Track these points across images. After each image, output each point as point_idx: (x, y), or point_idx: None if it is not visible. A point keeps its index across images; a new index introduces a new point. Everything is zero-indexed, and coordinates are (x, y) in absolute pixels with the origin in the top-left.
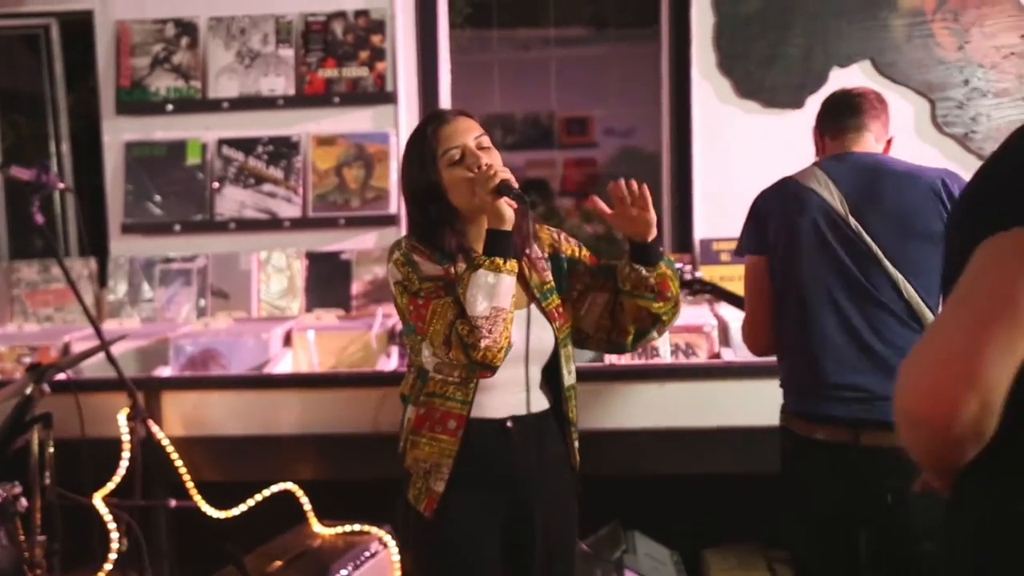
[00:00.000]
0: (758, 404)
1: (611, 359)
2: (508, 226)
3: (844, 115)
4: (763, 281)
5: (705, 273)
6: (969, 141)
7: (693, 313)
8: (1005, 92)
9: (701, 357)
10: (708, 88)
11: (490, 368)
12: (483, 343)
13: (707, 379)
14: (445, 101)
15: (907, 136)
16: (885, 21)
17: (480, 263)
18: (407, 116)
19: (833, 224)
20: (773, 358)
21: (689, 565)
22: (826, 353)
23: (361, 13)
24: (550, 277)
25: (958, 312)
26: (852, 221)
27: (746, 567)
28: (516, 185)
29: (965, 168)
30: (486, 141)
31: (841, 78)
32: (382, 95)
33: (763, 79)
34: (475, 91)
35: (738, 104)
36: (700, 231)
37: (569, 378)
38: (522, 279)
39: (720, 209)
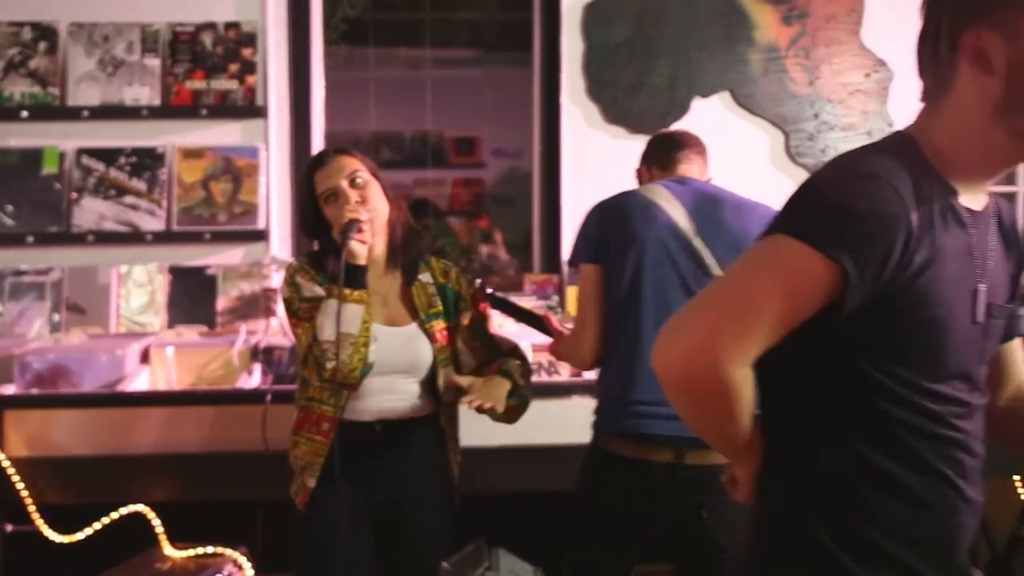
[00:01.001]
0: None
1: None
2: (359, 261)
3: (672, 148)
4: (597, 291)
5: (573, 294)
6: None
7: None
8: (851, 126)
9: (564, 375)
10: (577, 113)
11: (345, 385)
12: (328, 364)
13: (570, 396)
14: (318, 117)
15: (763, 165)
16: (743, 55)
17: (330, 293)
18: (278, 131)
19: (678, 241)
20: None
21: None
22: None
23: (232, 25)
24: (439, 303)
25: (711, 293)
26: (696, 241)
27: None
28: (365, 236)
29: None
30: (362, 177)
31: (703, 108)
32: (252, 109)
33: (629, 106)
34: (350, 108)
35: (605, 129)
36: (568, 252)
37: (447, 395)
38: (409, 300)
39: None
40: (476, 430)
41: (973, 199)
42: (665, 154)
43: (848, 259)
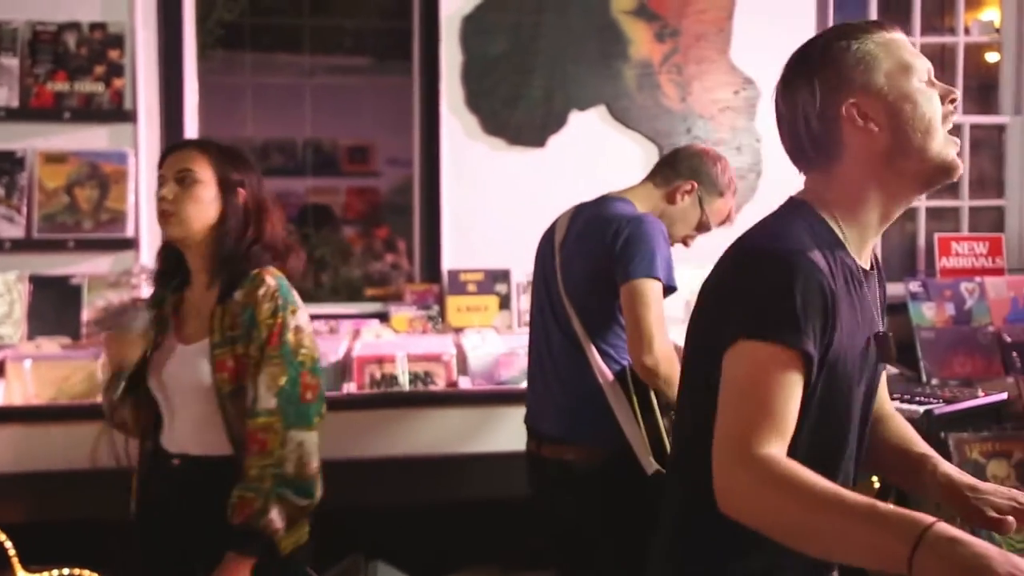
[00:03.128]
0: (495, 431)
1: (348, 388)
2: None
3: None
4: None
5: (453, 304)
6: None
7: (432, 342)
8: (721, 141)
9: (440, 385)
10: (456, 124)
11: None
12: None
13: (445, 407)
14: (191, 122)
15: (638, 177)
16: (619, 70)
17: None
18: (147, 136)
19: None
20: (508, 386)
21: None
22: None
23: (97, 26)
24: (239, 325)
25: (725, 413)
26: (558, 257)
27: None
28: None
29: None
30: (191, 176)
31: (580, 120)
32: (119, 113)
33: (508, 118)
34: (228, 114)
35: (485, 140)
36: (448, 262)
37: (253, 418)
38: (210, 319)
39: (467, 241)
40: (357, 441)
41: (863, 259)
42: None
43: (806, 342)
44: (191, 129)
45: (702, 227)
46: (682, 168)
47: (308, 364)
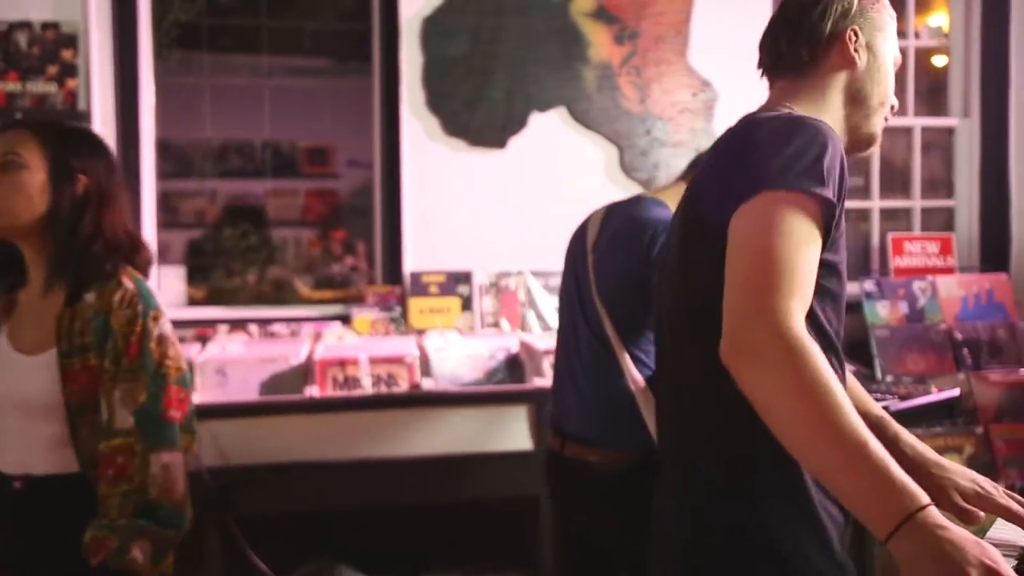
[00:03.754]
0: (459, 433)
1: (311, 391)
2: None
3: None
4: None
5: (415, 306)
6: (651, 186)
7: (395, 344)
8: (680, 143)
9: (403, 387)
10: (417, 125)
11: None
12: None
13: (409, 409)
14: (147, 123)
15: (598, 178)
16: (579, 72)
17: None
18: (104, 136)
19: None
20: (472, 388)
21: None
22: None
23: (50, 25)
24: (91, 334)
25: (743, 271)
26: (590, 257)
27: None
28: None
29: None
30: (16, 160)
31: (540, 122)
32: (73, 114)
33: (469, 119)
34: (185, 115)
35: (445, 142)
36: (410, 264)
37: (108, 439)
38: (56, 325)
39: (429, 243)
40: (321, 444)
41: None
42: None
43: (828, 192)
44: (147, 130)
45: None
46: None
47: (174, 377)
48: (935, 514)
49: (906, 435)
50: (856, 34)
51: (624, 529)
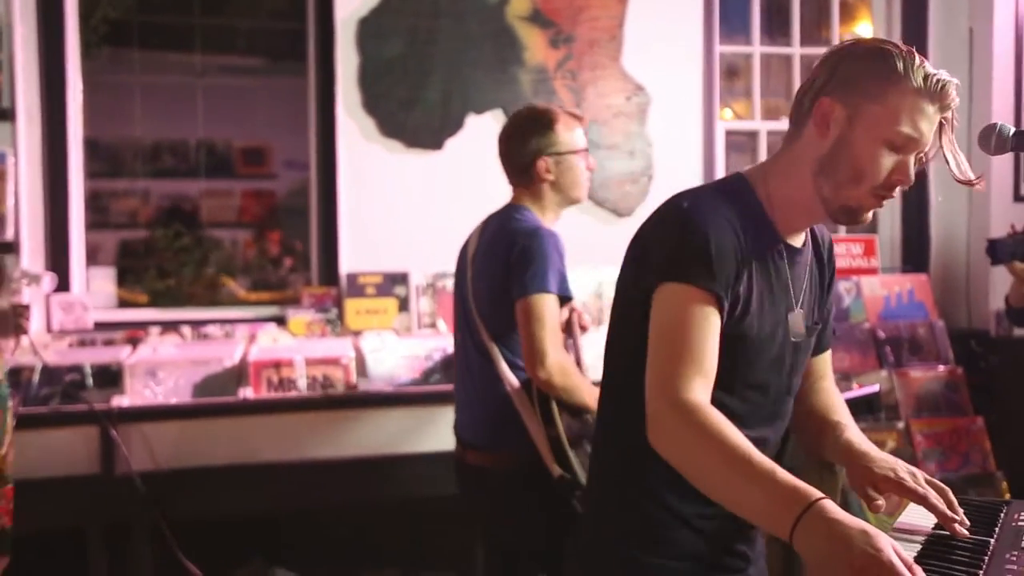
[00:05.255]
0: (394, 434)
1: (245, 392)
2: None
3: None
4: None
5: (351, 307)
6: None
7: (331, 345)
8: (615, 146)
9: (338, 389)
10: (353, 126)
11: None
12: None
13: (344, 410)
14: (75, 120)
15: None
16: (515, 75)
17: None
18: (27, 135)
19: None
20: (406, 388)
21: None
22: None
23: None
24: None
25: (654, 354)
26: (470, 270)
27: None
28: None
29: (582, 210)
30: None
31: (477, 124)
32: None
33: (405, 120)
34: (115, 114)
35: (382, 143)
36: (346, 265)
37: None
38: None
39: (366, 243)
40: (255, 446)
41: (794, 239)
42: None
43: (718, 286)
44: (75, 128)
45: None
46: (527, 152)
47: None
48: (827, 507)
49: (849, 432)
50: (830, 106)
51: (527, 527)
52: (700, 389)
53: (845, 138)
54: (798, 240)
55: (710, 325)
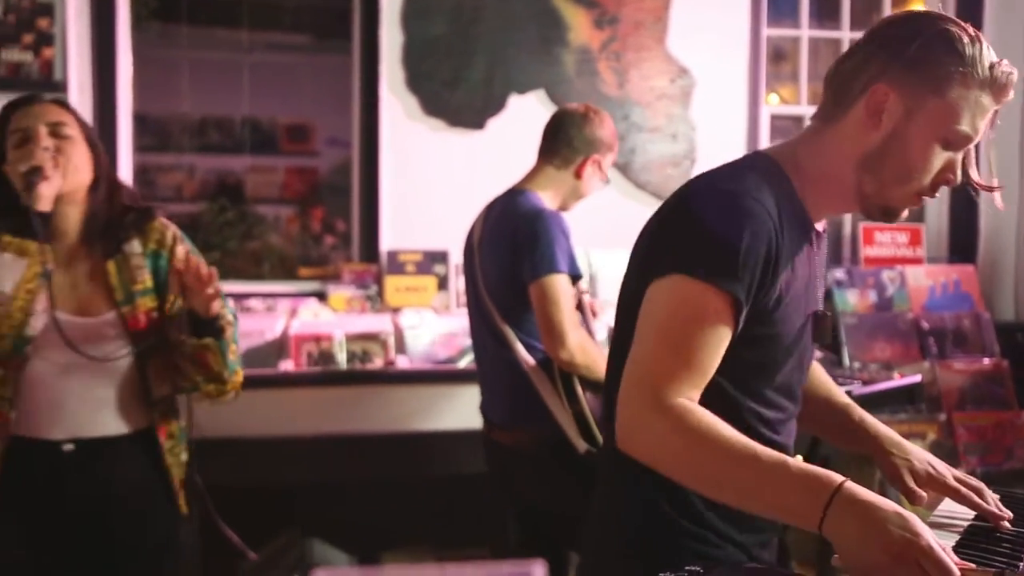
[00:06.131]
0: (432, 410)
1: (285, 366)
2: (41, 207)
3: None
4: None
5: (391, 284)
6: (628, 171)
7: (371, 321)
8: (657, 129)
9: (377, 364)
10: (397, 104)
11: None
12: None
13: (383, 385)
14: (124, 94)
15: None
16: (558, 56)
17: None
18: (79, 107)
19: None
20: (445, 366)
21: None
22: None
23: None
24: (146, 277)
25: (642, 347)
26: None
27: (418, 567)
28: (48, 189)
29: (623, 193)
30: (67, 131)
31: (519, 104)
32: (49, 84)
33: (448, 99)
34: (163, 88)
35: (425, 121)
36: (387, 242)
37: (161, 389)
38: (105, 281)
39: (406, 221)
40: (294, 419)
41: (819, 222)
42: None
43: (739, 288)
44: (124, 102)
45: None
46: (579, 144)
47: None
48: (855, 489)
49: (870, 419)
50: (885, 94)
51: (561, 492)
52: (690, 393)
53: (899, 134)
54: (820, 224)
55: (718, 333)
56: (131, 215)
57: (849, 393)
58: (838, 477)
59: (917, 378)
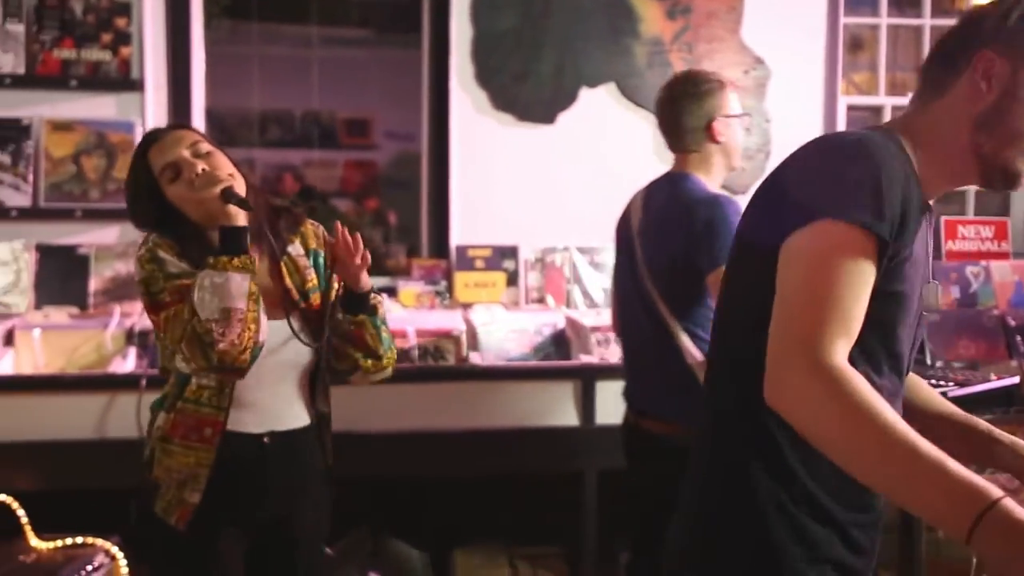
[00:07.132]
0: (506, 407)
1: None
2: (239, 222)
3: None
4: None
5: (460, 280)
6: None
7: (442, 318)
8: None
9: (450, 361)
10: (466, 99)
11: (234, 370)
12: (219, 346)
13: (457, 382)
14: (198, 92)
15: (646, 155)
16: (629, 48)
17: (206, 263)
18: (155, 105)
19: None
20: (520, 363)
21: (438, 566)
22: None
23: None
24: (313, 276)
25: (790, 304)
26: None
27: (490, 565)
28: (240, 192)
29: None
30: (205, 147)
31: (589, 97)
32: (127, 82)
33: (517, 93)
34: (234, 85)
35: (494, 116)
36: (456, 237)
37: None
38: (280, 282)
39: (475, 216)
40: (367, 415)
41: (932, 198)
42: None
43: (884, 228)
44: (198, 99)
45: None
46: (695, 123)
47: None
48: (1010, 507)
49: (998, 431)
50: (990, 60)
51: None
52: (845, 353)
53: (1011, 91)
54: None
55: (864, 277)
56: (283, 219)
57: (944, 395)
58: (997, 492)
59: (1016, 379)
